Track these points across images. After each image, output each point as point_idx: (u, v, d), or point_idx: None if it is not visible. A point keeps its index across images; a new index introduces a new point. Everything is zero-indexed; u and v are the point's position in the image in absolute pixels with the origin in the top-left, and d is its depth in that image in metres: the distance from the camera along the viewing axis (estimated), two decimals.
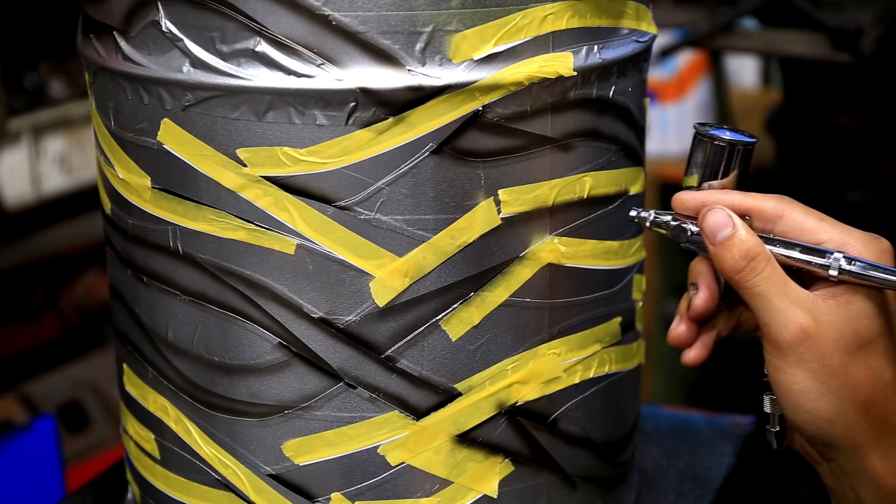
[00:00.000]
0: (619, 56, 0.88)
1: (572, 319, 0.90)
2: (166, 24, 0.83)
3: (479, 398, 0.87)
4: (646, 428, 1.17)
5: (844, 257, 0.78)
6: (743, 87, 3.09)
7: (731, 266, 0.80)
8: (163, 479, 0.95)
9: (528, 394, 0.89)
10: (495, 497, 0.89)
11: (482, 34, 0.81)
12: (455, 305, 0.85)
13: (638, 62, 0.92)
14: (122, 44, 0.86)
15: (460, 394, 0.87)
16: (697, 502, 1.07)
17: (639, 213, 0.86)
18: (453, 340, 0.86)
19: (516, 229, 0.86)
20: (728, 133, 0.84)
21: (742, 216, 0.81)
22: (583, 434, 0.93)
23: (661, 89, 2.69)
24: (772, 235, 0.81)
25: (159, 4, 0.83)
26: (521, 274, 0.86)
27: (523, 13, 0.82)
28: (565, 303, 0.89)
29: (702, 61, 2.68)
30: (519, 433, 0.89)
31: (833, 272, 0.78)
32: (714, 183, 0.84)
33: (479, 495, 0.89)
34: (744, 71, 3.12)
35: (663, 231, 0.85)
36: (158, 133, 0.86)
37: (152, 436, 0.95)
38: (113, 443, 2.28)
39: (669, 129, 2.70)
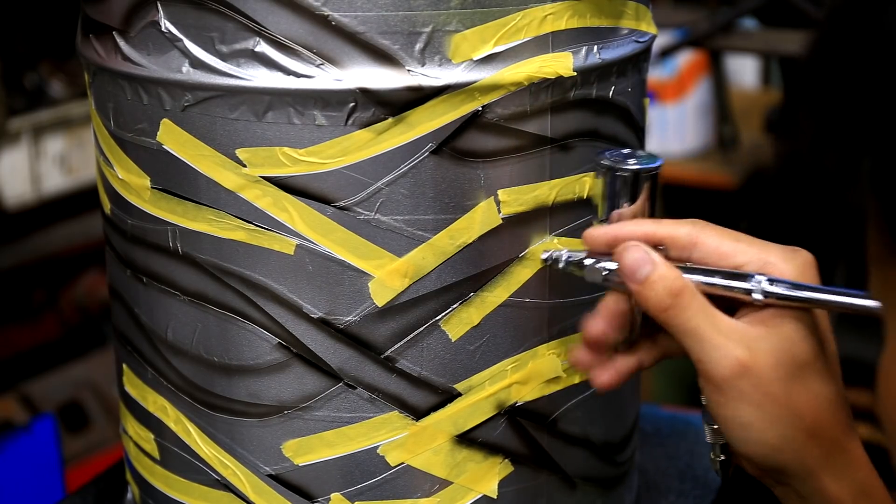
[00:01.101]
0: (618, 56, 0.88)
1: (572, 320, 0.90)
2: (166, 25, 0.83)
3: (478, 398, 0.87)
4: (646, 428, 1.17)
5: (767, 279, 0.75)
6: (743, 87, 3.09)
7: (656, 304, 0.76)
8: (162, 480, 0.95)
9: (527, 394, 0.89)
10: (495, 497, 0.89)
11: (482, 34, 0.81)
12: (455, 306, 0.85)
13: (638, 62, 0.92)
14: (122, 44, 0.86)
15: (460, 394, 0.87)
16: (697, 502, 1.07)
17: (550, 254, 0.84)
18: (453, 341, 0.86)
19: (516, 229, 0.86)
20: (631, 160, 0.83)
21: (656, 246, 0.78)
22: (582, 434, 0.93)
23: (661, 89, 2.69)
24: (689, 264, 0.78)
25: (159, 5, 0.83)
26: (520, 274, 0.86)
27: (523, 13, 0.82)
28: (565, 303, 0.89)
29: (702, 61, 2.68)
30: (519, 433, 0.89)
31: (757, 296, 0.75)
32: (624, 212, 0.82)
33: (479, 495, 0.89)
34: (744, 71, 3.12)
35: (577, 272, 0.83)
36: (158, 133, 0.86)
37: (152, 436, 0.95)
38: (113, 443, 2.28)
39: (669, 129, 2.70)
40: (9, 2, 2.33)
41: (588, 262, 0.82)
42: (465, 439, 0.88)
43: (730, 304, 0.77)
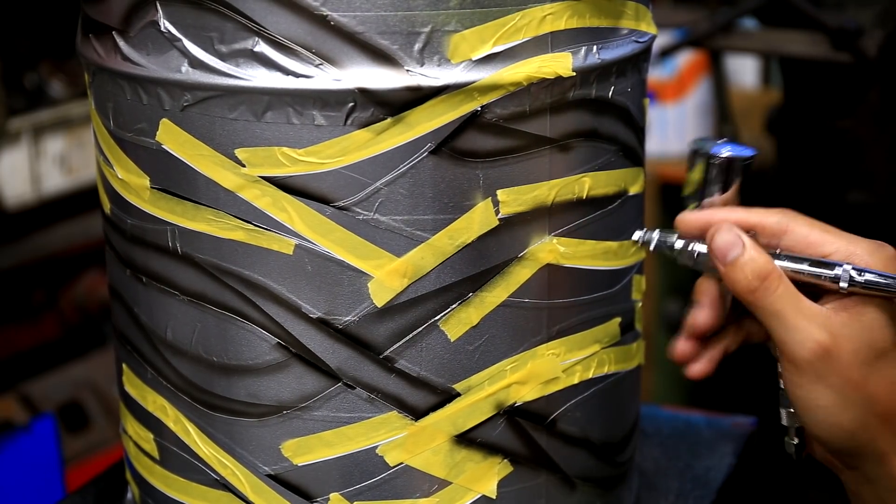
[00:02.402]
0: (618, 56, 0.88)
1: (571, 320, 0.90)
2: (165, 25, 0.83)
3: (477, 398, 0.87)
4: (646, 428, 1.17)
5: (853, 269, 0.78)
6: (743, 87, 3.09)
7: (745, 287, 0.79)
8: (162, 479, 0.95)
9: (526, 394, 0.89)
10: (494, 497, 0.89)
11: (481, 34, 0.81)
12: (454, 306, 0.85)
13: (637, 62, 0.92)
14: (121, 44, 0.86)
15: (459, 394, 0.87)
16: (697, 503, 1.07)
17: (643, 236, 0.86)
18: (452, 341, 0.86)
19: (515, 230, 0.86)
20: (726, 148, 0.84)
21: (747, 232, 0.81)
22: (582, 435, 0.93)
23: (661, 89, 2.69)
24: (778, 251, 0.81)
25: (158, 5, 0.83)
26: (519, 274, 0.86)
27: (522, 13, 0.82)
28: (564, 303, 0.89)
29: (702, 61, 2.68)
30: (518, 434, 0.89)
31: (843, 284, 0.78)
32: (715, 199, 0.84)
33: (478, 496, 0.89)
34: (744, 71, 3.12)
35: (669, 253, 0.85)
36: (157, 133, 0.86)
37: (151, 436, 0.95)
38: (113, 443, 2.28)
39: (669, 129, 2.70)
40: (9, 2, 2.33)
41: (680, 244, 0.84)
42: (465, 439, 0.87)
43: (814, 292, 0.80)
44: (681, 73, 2.69)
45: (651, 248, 0.86)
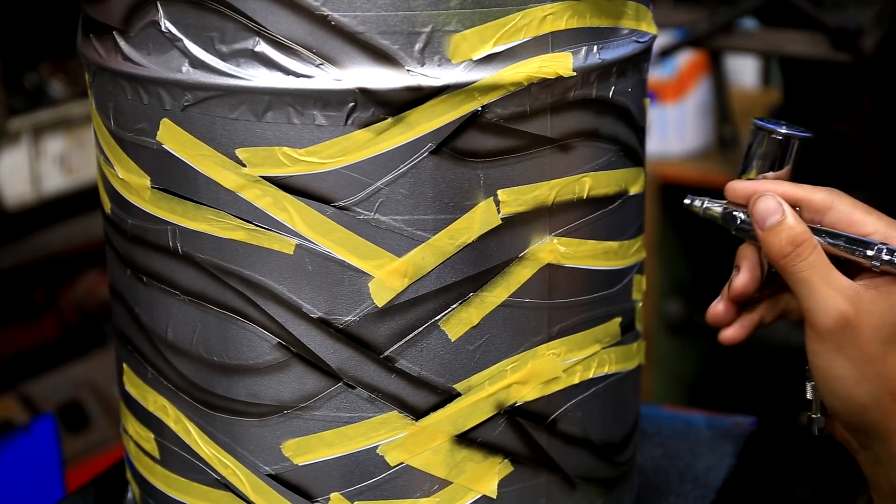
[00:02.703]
0: (618, 56, 0.88)
1: (572, 320, 0.90)
2: (165, 24, 0.83)
3: (478, 398, 0.87)
4: (646, 428, 1.17)
5: (888, 249, 0.81)
6: (743, 87, 3.09)
7: (778, 251, 0.82)
8: (162, 479, 0.95)
9: (527, 394, 0.89)
10: (494, 497, 0.89)
11: (481, 34, 0.81)
12: (454, 306, 0.85)
13: (638, 62, 0.92)
14: (122, 44, 0.86)
15: (459, 394, 0.87)
16: (697, 503, 1.07)
17: (692, 200, 0.90)
18: (452, 341, 0.86)
19: (515, 230, 0.86)
20: (785, 127, 0.88)
21: (793, 206, 0.84)
22: (582, 434, 0.93)
23: (661, 89, 2.69)
24: (820, 226, 0.84)
25: (158, 4, 0.83)
26: (520, 274, 0.86)
27: (522, 13, 0.82)
28: (565, 303, 0.89)
29: (702, 61, 2.68)
30: (518, 433, 0.89)
31: (876, 263, 0.81)
32: (769, 175, 0.88)
33: (479, 495, 0.89)
34: (744, 71, 3.12)
35: (715, 217, 0.89)
36: (158, 133, 0.86)
37: (152, 435, 0.95)
38: (113, 443, 2.28)
39: (669, 129, 2.70)
40: (9, 2, 2.33)
41: (726, 210, 0.88)
42: (465, 439, 0.87)
43: (852, 270, 0.82)
44: (681, 73, 2.69)
45: (700, 212, 0.89)
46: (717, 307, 0.89)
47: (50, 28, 2.39)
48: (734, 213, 0.88)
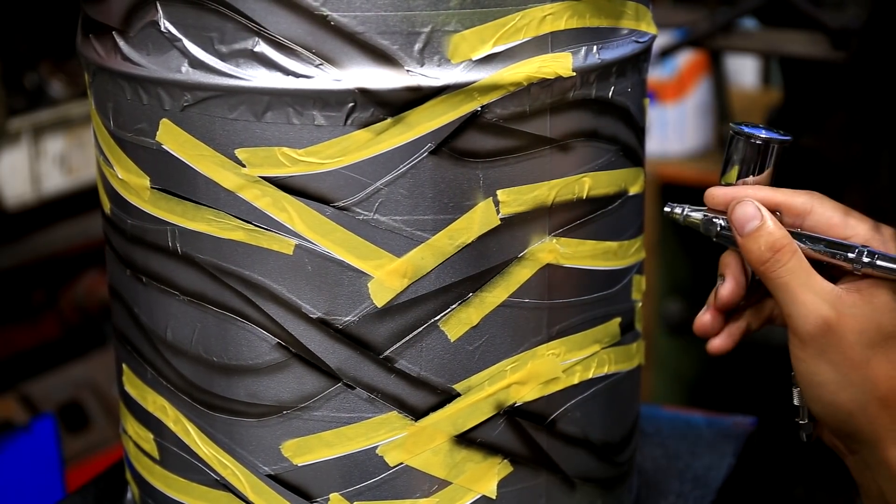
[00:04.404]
0: (618, 56, 0.88)
1: (571, 320, 0.90)
2: (165, 25, 0.83)
3: (477, 399, 0.87)
4: (646, 428, 1.17)
5: (868, 251, 0.80)
6: (743, 87, 3.09)
7: (758, 257, 0.81)
8: (162, 480, 0.95)
9: (526, 394, 0.89)
10: (494, 497, 0.89)
11: (481, 34, 0.81)
12: (454, 306, 0.85)
13: (637, 62, 0.92)
14: (122, 44, 0.86)
15: (459, 394, 0.87)
16: (697, 503, 1.07)
17: (672, 208, 0.89)
18: (452, 341, 0.86)
19: (515, 230, 0.86)
20: (763, 131, 0.86)
21: (773, 211, 0.83)
22: (582, 435, 0.93)
23: (661, 89, 2.69)
24: (800, 230, 0.83)
25: (158, 5, 0.83)
26: (519, 274, 0.86)
27: (522, 13, 0.82)
28: (564, 303, 0.89)
29: (702, 61, 2.68)
30: (518, 434, 0.89)
31: (857, 265, 0.80)
32: (749, 179, 0.86)
33: (478, 496, 0.89)
34: (744, 71, 3.12)
35: (695, 224, 0.88)
36: (157, 133, 0.86)
37: (151, 436, 0.95)
38: (113, 443, 2.28)
39: (669, 129, 2.70)
40: (9, 2, 2.33)
41: (706, 216, 0.87)
42: (465, 439, 0.87)
43: (833, 274, 0.81)
44: (681, 73, 2.69)
45: (680, 220, 0.88)
46: (704, 317, 0.88)
47: (50, 28, 2.39)
48: (714, 219, 0.86)
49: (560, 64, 0.84)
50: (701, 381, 2.81)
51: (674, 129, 2.71)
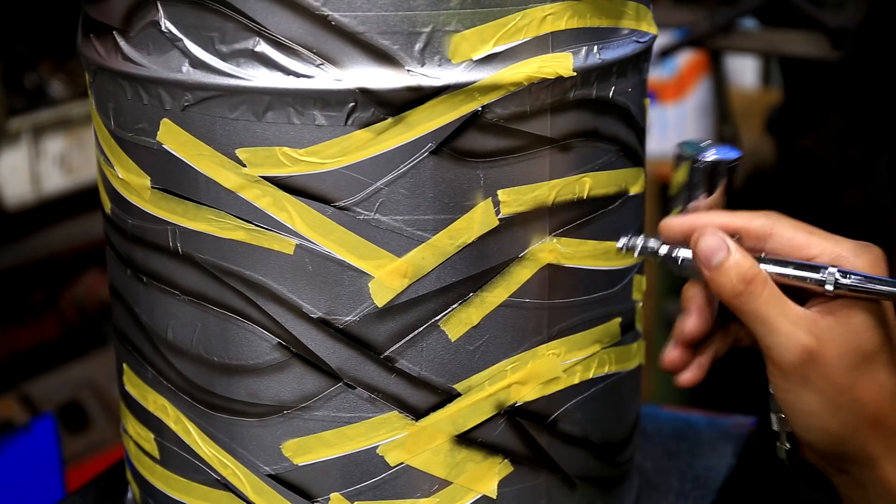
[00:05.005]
0: (618, 56, 0.88)
1: (572, 320, 0.90)
2: (166, 24, 0.83)
3: (478, 399, 0.87)
4: (646, 428, 1.17)
5: (839, 271, 0.77)
6: (743, 87, 3.09)
7: (730, 291, 0.78)
8: (162, 479, 0.95)
9: (527, 394, 0.89)
10: (495, 497, 0.89)
11: (481, 34, 0.81)
12: (454, 306, 0.85)
13: (638, 62, 0.92)
14: (122, 44, 0.86)
15: (459, 394, 0.87)
16: (697, 503, 1.07)
17: (626, 242, 0.86)
18: (452, 341, 0.86)
19: (515, 230, 0.86)
20: (711, 151, 0.83)
21: (731, 236, 0.80)
22: (582, 435, 0.93)
23: (661, 89, 2.69)
24: (763, 254, 0.80)
25: (159, 4, 0.83)
26: (520, 274, 0.86)
27: (522, 13, 0.82)
28: (565, 303, 0.89)
29: (702, 61, 2.68)
30: (518, 434, 0.89)
31: (829, 287, 0.77)
32: (700, 203, 0.83)
33: (479, 496, 0.89)
34: (744, 71, 3.12)
35: (654, 259, 0.85)
36: (158, 133, 0.86)
37: (152, 436, 0.95)
38: (113, 443, 2.28)
39: (669, 129, 2.70)
40: (9, 2, 2.33)
41: (664, 249, 0.84)
42: (465, 439, 0.87)
43: (801, 295, 0.79)
44: (681, 73, 2.70)
45: (636, 254, 0.85)
46: (672, 353, 0.85)
47: (50, 28, 2.39)
48: (674, 253, 0.83)
49: (561, 64, 0.84)
50: (701, 381, 2.81)
51: (674, 129, 2.71)
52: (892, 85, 2.00)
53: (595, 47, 0.86)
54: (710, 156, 0.83)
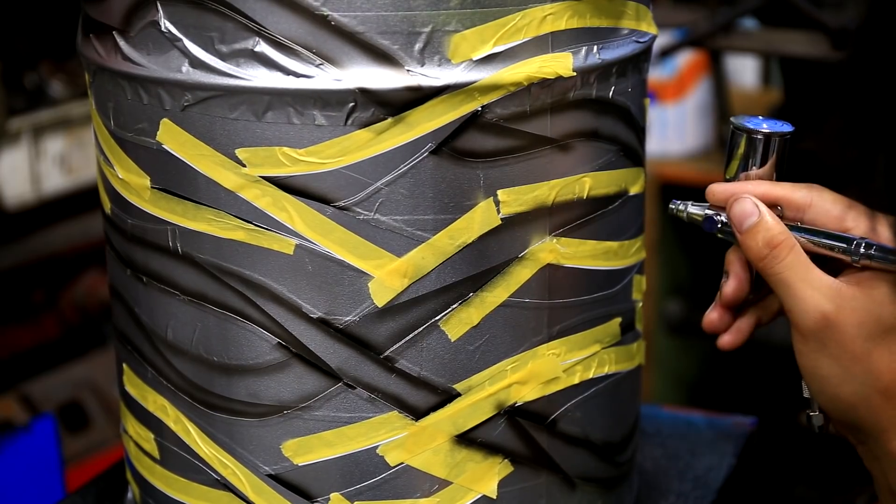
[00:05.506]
0: (618, 56, 0.88)
1: (572, 320, 0.90)
2: (165, 25, 0.83)
3: (478, 398, 0.87)
4: (646, 428, 1.17)
5: (867, 243, 0.80)
6: (743, 87, 3.09)
7: (756, 253, 0.82)
8: (162, 479, 0.95)
9: (527, 394, 0.89)
10: (494, 497, 0.89)
11: (481, 34, 0.81)
12: (454, 306, 0.85)
13: (638, 62, 0.92)
14: (122, 44, 0.86)
15: (459, 394, 0.87)
16: (697, 503, 1.07)
17: (676, 206, 0.89)
18: (452, 341, 0.86)
19: (515, 230, 0.86)
20: (765, 124, 0.86)
21: (774, 206, 0.83)
22: (582, 435, 0.93)
23: (661, 89, 2.69)
24: (800, 224, 0.83)
25: (158, 4, 0.83)
26: (520, 274, 0.86)
27: (522, 13, 0.82)
28: (565, 303, 0.89)
29: (702, 61, 2.68)
30: (518, 433, 0.89)
31: (856, 258, 0.80)
32: (751, 173, 0.86)
33: (479, 495, 0.89)
34: (744, 71, 3.12)
35: (697, 222, 0.88)
36: (158, 133, 0.86)
37: (152, 436, 0.95)
38: (113, 443, 2.28)
39: (669, 129, 2.70)
40: (9, 2, 2.33)
41: (707, 213, 0.87)
42: (465, 439, 0.87)
43: (837, 267, 0.81)
44: (681, 73, 2.69)
45: (684, 216, 0.88)
46: (712, 315, 0.88)
47: (50, 28, 2.39)
48: (715, 216, 0.86)
49: (560, 64, 0.84)
50: (701, 381, 2.81)
51: (674, 129, 2.71)
52: (892, 85, 2.00)
53: (595, 47, 0.86)
54: (765, 128, 0.86)
